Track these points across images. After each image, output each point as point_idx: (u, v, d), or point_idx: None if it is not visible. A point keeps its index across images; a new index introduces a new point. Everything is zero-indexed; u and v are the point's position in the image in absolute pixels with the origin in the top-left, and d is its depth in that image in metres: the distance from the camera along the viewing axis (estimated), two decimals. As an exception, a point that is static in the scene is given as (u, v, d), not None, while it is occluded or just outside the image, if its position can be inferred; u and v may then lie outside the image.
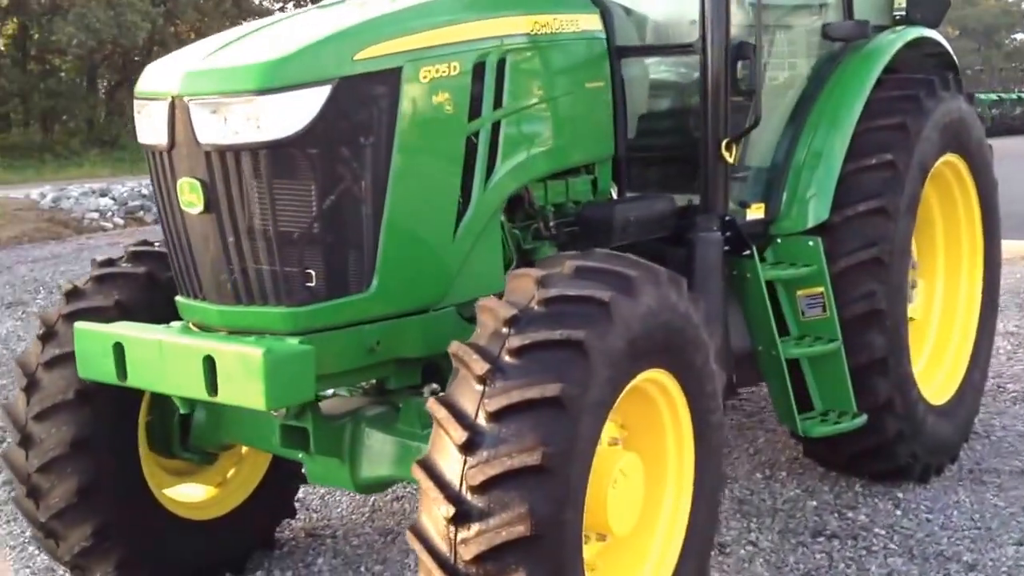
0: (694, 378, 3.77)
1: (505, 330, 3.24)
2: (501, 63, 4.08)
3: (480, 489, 3.04)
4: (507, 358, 3.18)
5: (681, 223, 4.67)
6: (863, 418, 4.90)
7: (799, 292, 4.94)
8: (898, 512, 5.23)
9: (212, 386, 3.43)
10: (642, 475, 3.71)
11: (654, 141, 4.94)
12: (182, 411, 3.82)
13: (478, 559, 3.03)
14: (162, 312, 3.97)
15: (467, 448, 3.08)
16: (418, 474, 3.15)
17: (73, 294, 4.26)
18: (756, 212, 4.94)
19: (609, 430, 3.68)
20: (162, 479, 4.51)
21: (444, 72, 3.83)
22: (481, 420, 3.10)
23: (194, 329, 3.78)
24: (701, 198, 4.70)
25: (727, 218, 4.67)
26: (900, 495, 5.41)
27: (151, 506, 4.35)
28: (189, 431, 4.40)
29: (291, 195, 3.53)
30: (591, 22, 4.58)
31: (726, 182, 4.69)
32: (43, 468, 4.09)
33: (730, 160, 4.63)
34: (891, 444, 5.20)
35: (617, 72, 4.66)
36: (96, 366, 3.75)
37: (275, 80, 3.46)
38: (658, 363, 3.60)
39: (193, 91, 3.53)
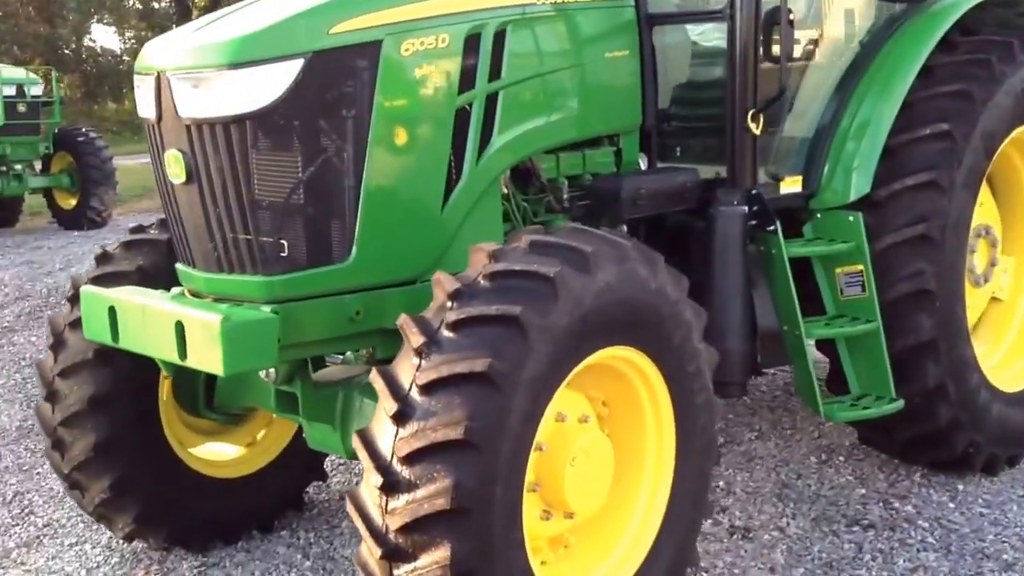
0: (672, 357, 3.66)
1: (448, 303, 3.24)
2: (500, 34, 4.03)
3: (407, 460, 3.06)
4: (444, 332, 3.17)
5: (705, 196, 4.54)
6: (898, 404, 4.65)
7: (838, 269, 4.72)
8: (951, 505, 4.97)
9: (183, 350, 3.54)
10: (609, 454, 3.63)
11: (689, 111, 4.82)
12: (166, 373, 3.95)
13: (405, 529, 3.05)
14: None
15: (398, 419, 3.10)
16: (356, 443, 3.19)
17: (103, 258, 4.45)
18: (792, 185, 4.75)
19: (582, 407, 3.63)
20: (190, 438, 4.68)
21: (431, 44, 3.81)
22: (413, 392, 3.11)
23: (188, 296, 3.90)
24: (728, 170, 4.56)
25: (754, 192, 4.51)
26: (960, 487, 5.14)
27: (171, 463, 4.52)
28: (214, 392, 4.56)
29: (264, 166, 3.59)
30: None
31: (753, 154, 4.53)
32: (65, 422, 4.31)
33: (756, 132, 4.47)
34: (945, 432, 4.93)
35: (647, 40, 4.54)
36: (96, 328, 3.91)
37: (246, 54, 3.52)
38: (624, 341, 3.52)
39: (175, 66, 3.64)
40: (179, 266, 3.96)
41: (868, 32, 4.99)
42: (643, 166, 4.68)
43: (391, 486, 3.07)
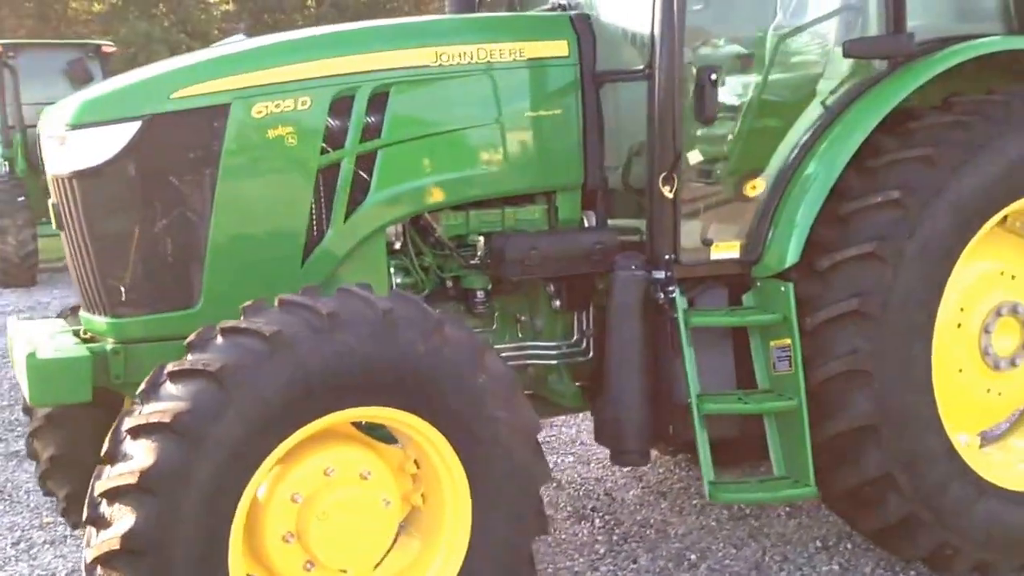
0: (455, 423, 3.64)
1: (187, 355, 3.44)
2: (381, 96, 4.18)
3: (102, 499, 3.31)
4: (164, 381, 3.38)
5: None
6: (807, 491, 4.24)
7: (772, 343, 4.40)
8: (919, 610, 4.47)
9: (23, 382, 3.98)
10: (381, 513, 3.65)
11: (637, 169, 4.68)
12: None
13: (95, 563, 3.31)
14: None
15: (107, 459, 3.37)
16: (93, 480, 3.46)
17: (84, 291, 5.01)
18: (726, 251, 4.48)
19: (367, 463, 3.68)
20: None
21: (288, 107, 4.02)
22: (124, 437, 3.35)
23: (81, 333, 4.33)
24: (647, 233, 4.40)
25: (667, 256, 4.33)
26: (943, 591, 4.60)
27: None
28: None
29: (105, 218, 3.98)
30: (549, 49, 4.47)
31: (673, 218, 4.35)
32: (32, 434, 4.89)
33: (668, 195, 4.29)
34: (905, 529, 4.43)
35: (591, 98, 4.49)
36: (11, 357, 4.45)
37: (86, 117, 3.93)
38: (383, 403, 3.55)
39: (45, 127, 4.15)
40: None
41: (834, 92, 4.57)
42: (586, 223, 4.61)
43: (92, 521, 3.34)
